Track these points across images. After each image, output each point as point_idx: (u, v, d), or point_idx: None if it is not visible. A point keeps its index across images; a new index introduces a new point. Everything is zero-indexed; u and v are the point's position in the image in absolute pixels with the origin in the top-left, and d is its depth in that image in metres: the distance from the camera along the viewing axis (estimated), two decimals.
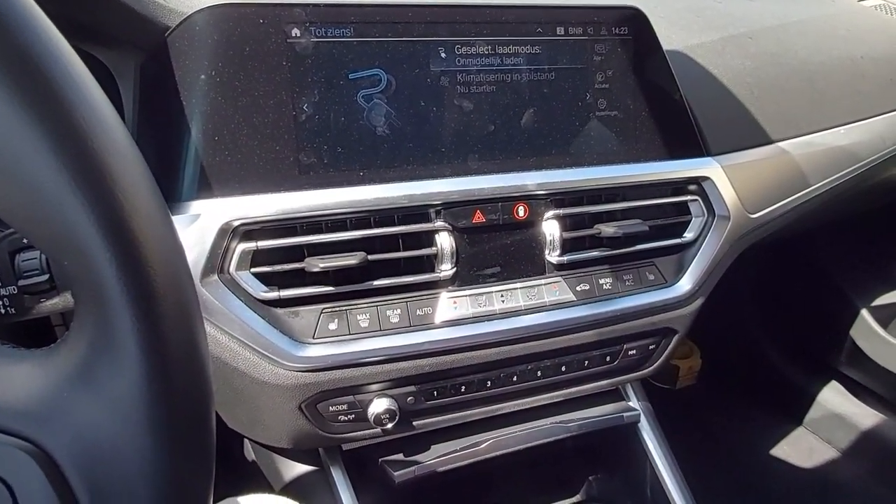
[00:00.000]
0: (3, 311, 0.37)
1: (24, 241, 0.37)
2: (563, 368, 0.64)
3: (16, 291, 0.36)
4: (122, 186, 0.23)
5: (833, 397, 1.19)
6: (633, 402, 0.74)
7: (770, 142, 0.73)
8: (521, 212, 0.59)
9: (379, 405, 0.56)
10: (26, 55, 0.22)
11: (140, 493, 0.23)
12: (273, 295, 0.51)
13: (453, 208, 0.56)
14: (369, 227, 0.54)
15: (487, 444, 0.65)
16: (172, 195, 0.51)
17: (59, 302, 0.38)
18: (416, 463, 0.62)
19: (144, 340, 0.23)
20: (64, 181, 0.22)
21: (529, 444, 0.67)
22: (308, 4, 0.51)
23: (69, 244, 0.23)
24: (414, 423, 0.60)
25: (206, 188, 0.50)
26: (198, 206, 0.50)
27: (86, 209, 0.22)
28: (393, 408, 0.56)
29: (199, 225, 0.49)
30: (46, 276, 0.37)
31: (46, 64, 0.23)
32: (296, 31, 0.51)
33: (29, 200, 0.23)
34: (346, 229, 0.53)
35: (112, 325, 0.23)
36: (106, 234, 0.22)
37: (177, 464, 0.24)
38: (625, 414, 0.71)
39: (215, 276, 0.50)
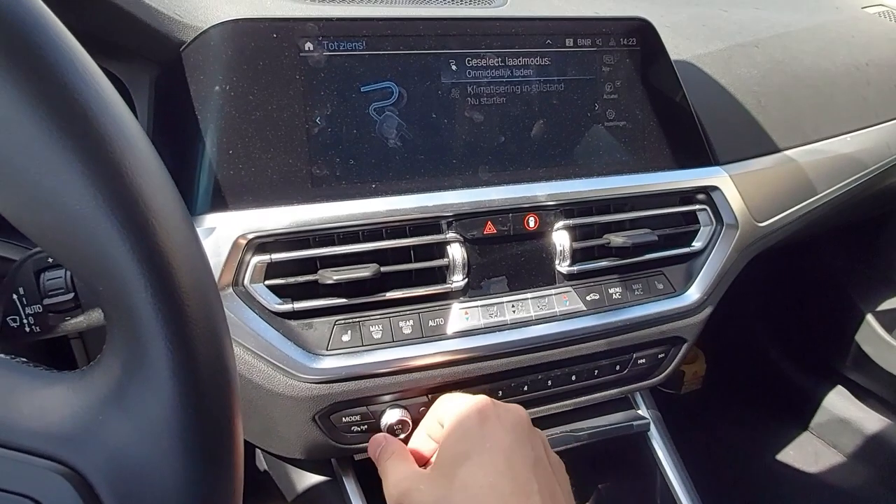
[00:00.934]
0: (28, 329, 0.37)
1: (50, 259, 0.37)
2: (574, 378, 0.64)
3: (41, 310, 0.37)
4: (155, 210, 0.24)
5: (839, 402, 1.19)
6: (643, 411, 0.74)
7: (777, 150, 0.74)
8: (532, 222, 0.59)
9: (392, 416, 0.56)
10: (61, 82, 0.23)
11: None
12: (287, 307, 0.52)
13: (464, 220, 0.57)
14: (381, 238, 0.54)
15: None
16: (187, 208, 0.51)
17: (83, 320, 0.38)
18: None
19: (177, 362, 0.23)
20: (97, 206, 0.22)
21: None
22: (321, 19, 0.52)
23: (103, 269, 0.23)
24: None
25: (220, 201, 0.50)
26: (212, 219, 0.50)
27: (120, 235, 0.22)
28: (405, 418, 0.57)
29: (213, 238, 0.49)
30: (71, 295, 0.37)
31: (80, 91, 0.23)
32: (309, 45, 0.52)
33: (62, 225, 0.23)
34: (358, 241, 0.54)
35: (145, 348, 0.23)
36: (140, 260, 0.23)
37: (208, 483, 0.24)
38: (634, 423, 0.71)
39: (230, 289, 0.51)
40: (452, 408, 0.48)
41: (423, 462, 0.51)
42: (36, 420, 0.23)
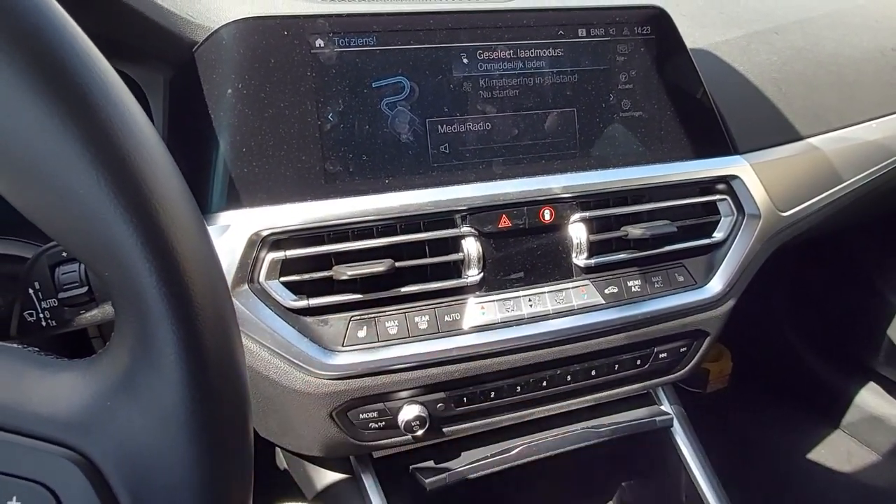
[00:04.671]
0: (44, 323, 0.37)
1: (64, 254, 0.38)
2: (594, 373, 0.63)
3: (56, 304, 0.37)
4: (159, 196, 0.24)
5: (871, 399, 1.15)
6: (665, 406, 0.73)
7: (800, 138, 0.72)
8: (547, 215, 0.58)
9: (409, 412, 0.56)
10: (63, 69, 0.23)
11: (181, 499, 0.23)
12: (302, 303, 0.52)
13: (479, 213, 0.56)
14: (396, 234, 0.54)
15: (518, 451, 0.64)
16: (202, 206, 0.51)
17: (98, 314, 0.39)
18: (447, 470, 0.62)
19: (184, 348, 0.23)
20: (102, 193, 0.23)
21: (560, 450, 0.66)
22: (331, 15, 0.52)
23: (109, 255, 0.23)
24: (444, 429, 0.60)
25: (234, 199, 0.51)
26: (227, 216, 0.50)
27: (124, 220, 0.22)
28: (423, 414, 0.56)
29: (228, 235, 0.50)
30: (86, 289, 0.37)
31: (83, 77, 0.23)
32: (320, 42, 0.52)
33: (68, 212, 0.23)
34: (372, 237, 0.54)
35: (152, 334, 0.23)
36: (145, 245, 0.23)
37: (217, 469, 0.24)
38: (657, 418, 0.70)
39: (245, 286, 0.51)
40: None
41: None
42: (45, 406, 0.23)
